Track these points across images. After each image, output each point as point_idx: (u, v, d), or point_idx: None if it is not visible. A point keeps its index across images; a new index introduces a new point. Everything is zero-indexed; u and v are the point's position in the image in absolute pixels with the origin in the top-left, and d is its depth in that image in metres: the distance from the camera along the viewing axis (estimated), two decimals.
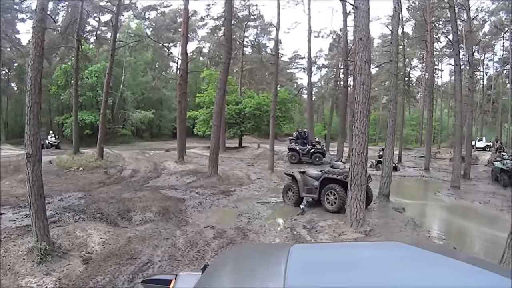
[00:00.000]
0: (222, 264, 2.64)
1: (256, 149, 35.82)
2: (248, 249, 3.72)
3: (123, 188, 16.33)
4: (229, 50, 20.29)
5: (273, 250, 2.99)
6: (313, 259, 2.24)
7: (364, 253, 2.40)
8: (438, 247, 3.85)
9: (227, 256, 3.09)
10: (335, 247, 2.92)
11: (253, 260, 2.54)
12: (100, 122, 26.23)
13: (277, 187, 18.54)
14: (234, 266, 2.47)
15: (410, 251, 2.29)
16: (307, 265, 2.10)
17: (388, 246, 2.70)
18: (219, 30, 60.13)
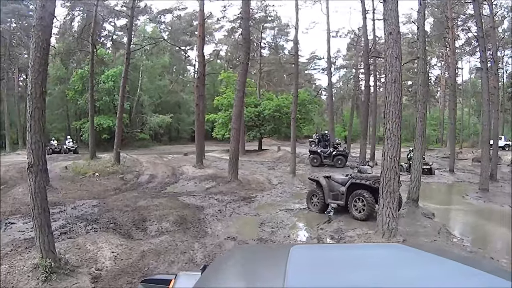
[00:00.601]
0: (221, 265, 2.65)
1: (277, 152, 34.98)
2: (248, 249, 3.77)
3: (139, 195, 15.62)
4: (247, 50, 19.51)
5: (273, 251, 3.13)
6: (313, 260, 2.25)
7: (364, 254, 2.42)
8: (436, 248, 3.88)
9: (227, 256, 3.08)
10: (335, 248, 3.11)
11: (253, 261, 2.55)
12: (117, 127, 25.67)
13: (300, 192, 17.75)
14: (234, 266, 2.48)
15: (409, 253, 2.35)
16: (307, 266, 2.11)
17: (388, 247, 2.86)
18: (235, 32, 59.88)
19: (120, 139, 25.16)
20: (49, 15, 7.78)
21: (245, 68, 19.52)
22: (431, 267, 2.05)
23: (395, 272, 2.00)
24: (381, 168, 10.56)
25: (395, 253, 2.37)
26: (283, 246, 5.27)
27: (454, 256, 2.36)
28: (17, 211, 12.88)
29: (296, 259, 2.14)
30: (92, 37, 27.58)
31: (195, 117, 27.02)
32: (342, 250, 2.81)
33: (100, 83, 43.35)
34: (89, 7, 36.45)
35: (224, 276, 2.31)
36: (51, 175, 19.46)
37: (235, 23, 56.72)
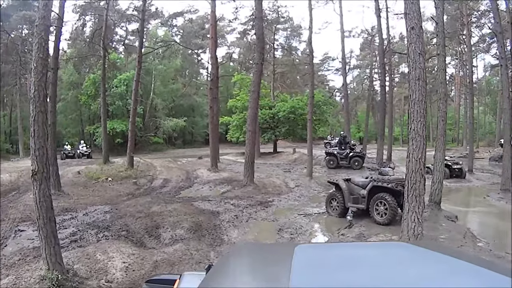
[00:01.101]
0: (226, 264, 2.59)
1: (292, 154, 34.36)
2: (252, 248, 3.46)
3: (153, 201, 15.18)
4: (261, 50, 19.02)
5: (277, 250, 3.06)
6: (318, 259, 2.24)
7: (368, 253, 2.39)
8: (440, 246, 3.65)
9: (232, 255, 2.98)
10: (339, 247, 2.99)
11: (258, 260, 2.50)
12: (130, 131, 25.32)
13: (318, 196, 17.23)
14: (239, 265, 2.41)
15: (414, 251, 2.35)
16: (312, 265, 2.11)
17: (392, 246, 2.81)
18: (247, 34, 59.63)
19: (133, 143, 24.82)
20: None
21: (259, 69, 19.02)
22: (435, 265, 2.05)
23: (399, 271, 1.99)
24: (406, 171, 10.01)
25: (399, 252, 2.37)
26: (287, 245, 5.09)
27: (457, 254, 2.38)
28: (28, 218, 12.49)
29: (301, 258, 2.16)
30: (104, 41, 27.32)
31: (209, 120, 26.61)
32: (346, 249, 2.75)
33: (113, 88, 43.50)
34: (100, 11, 36.25)
35: (229, 276, 2.28)
36: (63, 181, 19.21)
37: (247, 25, 56.44)
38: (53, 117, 17.35)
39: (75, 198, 15.95)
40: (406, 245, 2.55)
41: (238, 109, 38.65)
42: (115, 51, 50.99)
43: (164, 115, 49.68)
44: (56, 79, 18.24)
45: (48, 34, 7.47)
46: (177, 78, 56.20)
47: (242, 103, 37.48)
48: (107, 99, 38.35)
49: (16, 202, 15.27)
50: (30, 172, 7.19)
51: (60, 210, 13.37)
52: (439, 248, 2.63)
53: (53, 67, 17.52)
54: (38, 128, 6.97)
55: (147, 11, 35.79)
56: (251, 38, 59.08)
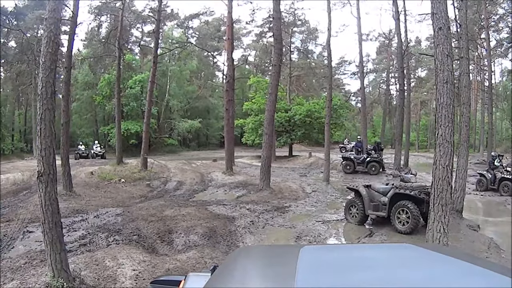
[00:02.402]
0: (231, 265, 2.57)
1: (308, 158, 33.72)
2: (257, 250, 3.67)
3: (166, 204, 14.69)
4: (279, 51, 18.55)
5: (282, 251, 3.01)
6: (323, 261, 2.22)
7: (374, 255, 2.37)
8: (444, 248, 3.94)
9: (237, 257, 2.93)
10: (345, 249, 3.10)
11: (263, 261, 2.51)
12: (144, 132, 24.98)
13: (336, 202, 16.72)
14: (244, 267, 2.41)
15: (419, 253, 2.35)
16: (317, 267, 2.09)
17: (397, 247, 2.77)
18: (264, 37, 59.28)
19: (147, 145, 24.48)
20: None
21: (277, 70, 18.49)
22: (440, 267, 2.05)
23: (405, 273, 1.98)
24: (432, 178, 9.50)
25: (404, 253, 2.37)
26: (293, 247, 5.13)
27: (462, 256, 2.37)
28: (37, 219, 12.01)
29: (306, 259, 2.14)
30: (119, 41, 27.08)
31: (225, 122, 26.12)
32: (352, 250, 2.80)
33: (128, 89, 43.43)
34: (116, 12, 36.14)
35: (234, 277, 2.28)
36: (76, 181, 18.95)
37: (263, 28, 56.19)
38: (66, 116, 17.04)
39: (86, 199, 15.60)
40: (411, 246, 2.54)
41: (253, 112, 38.09)
42: (131, 52, 51.15)
43: (179, 117, 49.51)
44: (70, 77, 17.92)
45: (59, 28, 7.06)
46: (192, 79, 55.99)
47: (258, 106, 36.98)
48: (122, 100, 38.46)
49: (27, 202, 14.99)
50: None
51: (70, 211, 13.04)
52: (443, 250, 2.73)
53: (66, 65, 17.26)
54: (45, 127, 6.54)
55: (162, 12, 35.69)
56: (267, 41, 59.04)
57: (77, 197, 15.86)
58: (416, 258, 2.25)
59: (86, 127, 50.45)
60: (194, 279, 3.06)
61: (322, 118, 35.61)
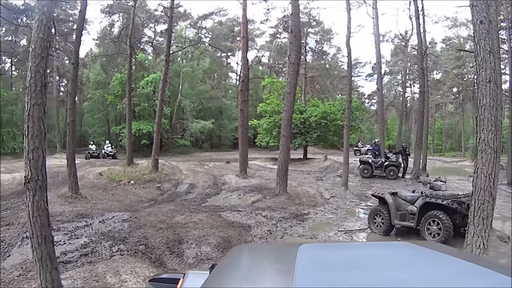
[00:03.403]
0: (230, 263, 2.62)
1: (323, 161, 32.65)
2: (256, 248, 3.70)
3: (177, 209, 13.75)
4: (298, 49, 17.51)
5: (281, 250, 3.03)
6: (322, 259, 2.23)
7: (373, 254, 2.40)
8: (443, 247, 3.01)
9: (235, 255, 2.93)
10: (344, 247, 3.00)
11: (261, 259, 2.57)
12: (155, 132, 24.13)
13: (356, 209, 15.81)
14: (242, 265, 2.48)
15: (418, 251, 2.36)
16: (316, 265, 2.09)
17: (397, 246, 2.82)
18: (278, 38, 58.76)
19: (158, 146, 23.61)
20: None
21: (295, 69, 17.41)
22: (438, 265, 2.05)
23: (404, 272, 1.97)
24: (473, 188, 8.53)
25: (404, 252, 2.36)
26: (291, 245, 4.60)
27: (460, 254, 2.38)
28: None
29: (304, 258, 2.13)
30: (130, 39, 26.28)
31: (239, 123, 25.10)
32: (351, 249, 2.77)
33: (140, 88, 43.09)
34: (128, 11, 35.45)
35: (233, 275, 2.30)
36: (84, 182, 18.20)
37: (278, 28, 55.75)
38: (73, 115, 16.13)
39: (92, 203, 14.75)
40: (409, 245, 2.53)
41: (267, 113, 37.27)
42: (143, 52, 50.84)
43: (191, 117, 49.04)
44: (77, 74, 17.01)
45: (52, 11, 6.13)
46: (205, 80, 55.45)
47: (272, 107, 36.29)
48: (133, 100, 38.23)
49: None
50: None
51: (74, 215, 12.23)
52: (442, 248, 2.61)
53: (73, 61, 16.40)
54: (33, 125, 5.62)
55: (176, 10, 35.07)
56: (281, 41, 58.25)
57: (83, 199, 15.02)
58: (415, 257, 2.24)
59: (98, 126, 50.39)
60: (192, 277, 3.04)
61: (338, 120, 35.13)
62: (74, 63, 16.19)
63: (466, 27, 49.08)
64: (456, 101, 57.81)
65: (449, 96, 58.37)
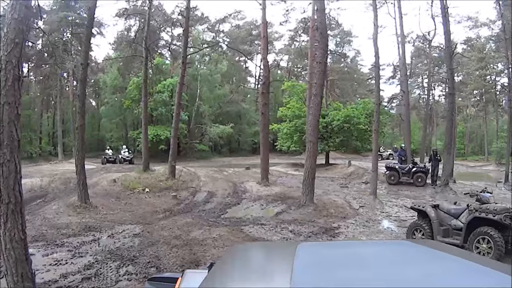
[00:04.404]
0: (228, 262, 2.68)
1: (347, 167, 31.24)
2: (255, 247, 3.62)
3: (194, 221, 12.53)
4: (325, 47, 16.19)
5: (280, 248, 3.10)
6: (320, 258, 2.23)
7: (372, 252, 2.38)
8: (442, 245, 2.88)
9: (234, 254, 3.03)
10: (342, 246, 3.06)
11: (260, 258, 2.61)
12: (172, 137, 23.06)
13: (388, 221, 14.39)
14: (241, 264, 2.50)
15: (417, 250, 2.34)
16: (314, 264, 2.10)
17: (396, 244, 2.85)
18: (296, 41, 58.65)
19: (175, 151, 22.49)
20: None
21: (322, 68, 16.03)
22: (438, 264, 2.05)
23: (402, 270, 1.97)
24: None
25: (402, 251, 2.36)
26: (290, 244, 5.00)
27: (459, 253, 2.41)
28: (41, 237, 10.31)
29: (303, 256, 2.13)
30: (145, 41, 25.35)
31: (260, 128, 23.75)
32: (349, 247, 2.75)
33: (157, 93, 43.01)
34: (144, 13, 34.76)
35: (231, 274, 2.34)
36: (96, 190, 17.24)
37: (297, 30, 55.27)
38: (82, 119, 14.92)
39: (103, 213, 13.60)
40: (408, 243, 2.59)
41: (288, 118, 36.30)
42: (161, 57, 50.48)
43: (210, 122, 48.43)
44: (86, 75, 15.84)
45: None
46: (223, 84, 54.94)
47: (292, 112, 35.33)
48: (150, 105, 37.81)
49: (36, 213, 13.19)
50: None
51: (82, 228, 11.15)
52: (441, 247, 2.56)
53: (82, 62, 15.29)
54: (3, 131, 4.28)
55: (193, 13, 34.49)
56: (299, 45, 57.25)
57: (92, 209, 13.88)
58: (413, 255, 2.22)
59: (115, 131, 50.82)
60: (191, 276, 3.01)
61: (360, 124, 34.28)
62: (83, 63, 15.06)
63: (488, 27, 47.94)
64: (478, 103, 56.25)
65: (471, 99, 56.81)
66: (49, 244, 9.68)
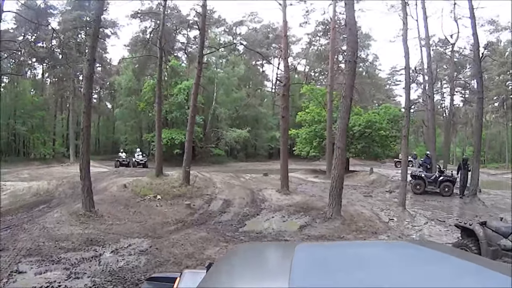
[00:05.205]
0: (227, 262, 2.66)
1: (369, 175, 29.77)
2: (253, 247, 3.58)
3: (209, 236, 11.20)
4: (354, 44, 14.73)
5: (278, 249, 3.03)
6: (319, 258, 2.19)
7: (371, 253, 2.35)
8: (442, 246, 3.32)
9: (232, 254, 3.03)
10: (341, 246, 2.97)
11: (258, 259, 2.55)
12: (186, 141, 21.72)
13: (423, 236, 12.92)
14: (239, 264, 2.46)
15: (416, 251, 2.31)
16: (313, 264, 2.07)
17: (395, 245, 2.82)
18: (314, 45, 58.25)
19: (190, 156, 21.21)
20: None
21: (352, 68, 14.49)
22: (438, 265, 2.02)
23: (401, 271, 1.95)
24: None
25: (401, 251, 2.33)
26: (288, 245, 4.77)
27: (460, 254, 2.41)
28: (37, 251, 9.16)
29: (301, 257, 2.11)
30: (160, 40, 24.29)
31: (281, 132, 22.28)
32: (348, 248, 2.68)
33: (172, 96, 42.54)
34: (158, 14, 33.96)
35: (229, 274, 2.30)
36: (104, 196, 16.16)
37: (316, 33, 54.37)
38: (88, 120, 13.54)
39: (108, 223, 12.28)
40: (408, 244, 2.54)
41: (307, 123, 35.29)
42: (177, 59, 49.90)
43: (226, 126, 47.67)
44: (93, 71, 14.47)
45: None
46: (240, 87, 54.36)
47: (311, 116, 34.38)
48: (165, 107, 37.08)
49: (36, 221, 11.99)
50: None
51: (83, 241, 9.96)
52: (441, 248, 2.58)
53: (89, 57, 14.04)
54: None
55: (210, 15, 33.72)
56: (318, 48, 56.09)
57: (97, 219, 12.58)
58: (413, 256, 2.20)
59: (130, 133, 50.50)
60: (189, 276, 2.96)
61: (383, 130, 33.25)
62: (90, 59, 13.80)
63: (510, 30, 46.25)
64: (498, 109, 54.64)
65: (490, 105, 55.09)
66: (44, 260, 8.54)
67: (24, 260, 8.52)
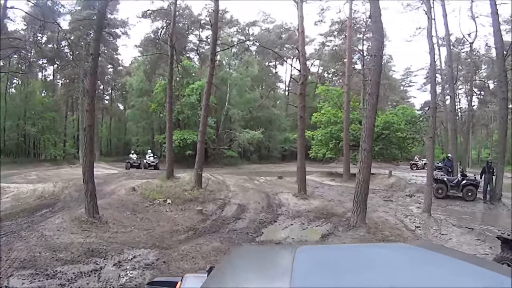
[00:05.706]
0: (228, 266, 2.65)
1: (388, 178, 28.65)
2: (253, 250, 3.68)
3: (222, 246, 10.21)
4: (380, 38, 13.55)
5: (279, 252, 3.09)
6: (319, 261, 2.18)
7: (371, 255, 2.33)
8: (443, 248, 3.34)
9: (233, 257, 2.99)
10: (341, 249, 3.06)
11: (258, 262, 2.49)
12: (199, 142, 20.73)
13: (454, 246, 11.83)
14: (240, 267, 2.45)
15: (416, 253, 2.31)
16: (314, 266, 2.06)
17: (394, 247, 2.77)
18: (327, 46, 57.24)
19: (202, 158, 20.26)
20: None
21: (378, 63, 13.30)
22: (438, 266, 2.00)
23: (402, 272, 1.94)
24: None
25: (401, 253, 2.33)
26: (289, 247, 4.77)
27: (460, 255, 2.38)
28: (31, 263, 8.27)
29: (302, 260, 2.10)
30: (171, 38, 23.53)
31: (299, 133, 21.20)
32: (348, 250, 2.72)
33: (185, 96, 41.92)
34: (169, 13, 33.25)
35: (231, 278, 2.29)
36: (111, 199, 15.33)
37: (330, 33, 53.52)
38: (91, 118, 12.55)
39: (112, 231, 11.29)
40: (407, 246, 2.53)
41: (323, 124, 34.31)
42: (189, 60, 49.52)
43: (239, 127, 46.93)
44: (96, 67, 13.41)
45: None
46: (254, 88, 53.66)
47: (327, 117, 33.42)
48: (177, 108, 36.42)
49: (34, 229, 11.02)
50: None
51: (83, 251, 9.01)
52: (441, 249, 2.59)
53: (92, 52, 13.09)
54: None
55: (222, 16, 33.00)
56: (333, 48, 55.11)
57: (101, 226, 11.59)
58: (413, 257, 2.18)
59: (141, 135, 49.83)
60: (190, 280, 2.91)
61: (399, 131, 32.39)
62: (94, 53, 12.82)
63: None
64: None
65: None
66: (38, 273, 7.69)
67: (16, 274, 7.65)
